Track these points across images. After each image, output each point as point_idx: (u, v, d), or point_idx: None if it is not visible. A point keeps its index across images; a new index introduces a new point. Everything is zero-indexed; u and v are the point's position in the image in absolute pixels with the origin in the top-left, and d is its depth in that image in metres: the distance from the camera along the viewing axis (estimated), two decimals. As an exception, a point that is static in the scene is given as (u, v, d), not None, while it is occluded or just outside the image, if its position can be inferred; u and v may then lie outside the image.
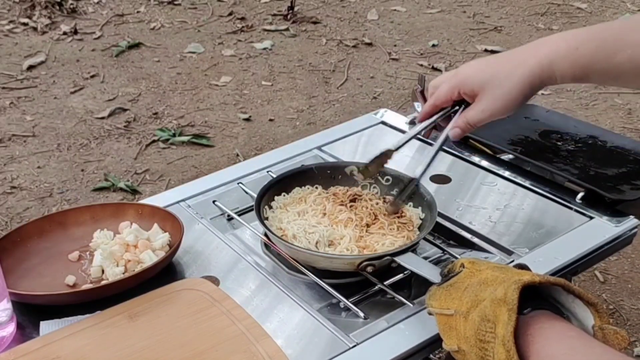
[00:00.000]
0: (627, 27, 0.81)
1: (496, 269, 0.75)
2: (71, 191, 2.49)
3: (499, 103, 0.90)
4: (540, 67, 0.86)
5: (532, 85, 0.88)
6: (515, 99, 0.89)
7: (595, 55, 0.82)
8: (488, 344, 0.68)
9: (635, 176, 1.15)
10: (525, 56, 0.88)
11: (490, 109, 0.91)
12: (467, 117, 0.94)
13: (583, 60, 0.83)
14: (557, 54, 0.85)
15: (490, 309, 0.68)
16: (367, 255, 0.92)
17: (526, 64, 0.87)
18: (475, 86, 0.91)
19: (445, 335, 0.76)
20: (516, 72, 0.88)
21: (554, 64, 0.85)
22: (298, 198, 1.05)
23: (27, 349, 0.82)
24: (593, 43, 0.83)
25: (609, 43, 0.81)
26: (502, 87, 0.89)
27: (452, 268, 0.80)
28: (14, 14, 3.93)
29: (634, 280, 2.05)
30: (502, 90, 0.89)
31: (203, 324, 0.85)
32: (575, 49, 0.83)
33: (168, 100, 3.10)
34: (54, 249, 1.01)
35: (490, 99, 0.90)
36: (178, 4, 4.12)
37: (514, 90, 0.88)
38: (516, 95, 0.89)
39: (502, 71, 0.89)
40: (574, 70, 0.84)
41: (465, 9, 4.03)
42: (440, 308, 0.77)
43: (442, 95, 0.96)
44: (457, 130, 0.96)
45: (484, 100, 0.91)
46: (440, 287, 0.78)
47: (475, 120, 0.93)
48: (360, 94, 3.15)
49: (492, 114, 0.91)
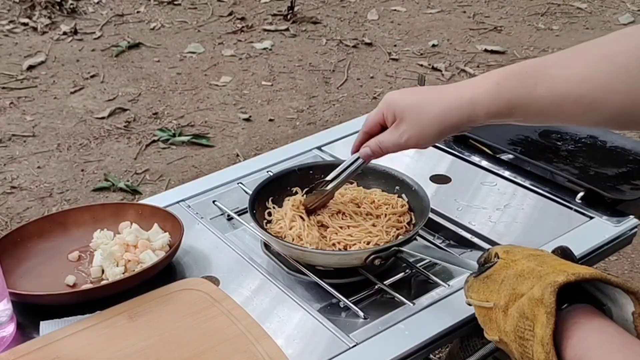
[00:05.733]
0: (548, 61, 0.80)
1: (531, 258, 0.75)
2: (71, 191, 2.49)
3: (414, 133, 0.89)
4: (462, 102, 0.84)
5: (451, 121, 0.86)
6: (430, 132, 0.88)
7: (517, 90, 0.80)
8: (527, 342, 0.69)
9: (635, 176, 1.15)
10: (450, 91, 0.87)
11: (404, 136, 0.89)
12: (380, 139, 0.93)
13: (505, 95, 0.81)
14: (478, 90, 0.84)
15: (528, 307, 0.69)
16: (373, 249, 0.92)
17: (447, 98, 0.86)
18: (397, 110, 0.90)
19: (486, 326, 0.77)
20: (436, 103, 0.87)
21: (475, 99, 0.83)
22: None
23: (27, 349, 0.82)
24: (515, 77, 0.81)
25: (529, 76, 0.80)
26: (420, 117, 0.88)
27: (488, 257, 0.80)
28: (14, 14, 3.93)
29: (634, 280, 2.05)
30: (420, 120, 0.88)
31: (203, 324, 0.85)
32: (497, 84, 0.82)
33: (168, 100, 3.10)
34: (54, 249, 1.01)
35: (407, 125, 0.89)
36: (178, 4, 4.13)
37: (431, 122, 0.87)
38: (432, 128, 0.87)
39: (423, 102, 0.88)
40: (498, 104, 0.82)
41: (465, 9, 4.03)
42: (479, 300, 0.77)
43: (370, 121, 0.95)
44: (367, 150, 0.95)
45: (401, 126, 0.90)
46: (477, 278, 0.78)
47: (387, 143, 0.92)
48: (360, 94, 3.15)
49: (406, 142, 0.90)
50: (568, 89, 0.76)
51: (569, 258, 0.77)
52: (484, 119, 0.84)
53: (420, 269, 0.97)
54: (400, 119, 0.90)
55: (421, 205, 1.00)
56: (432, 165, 1.22)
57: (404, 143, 0.90)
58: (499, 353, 0.90)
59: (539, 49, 3.53)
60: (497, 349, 0.82)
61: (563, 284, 0.68)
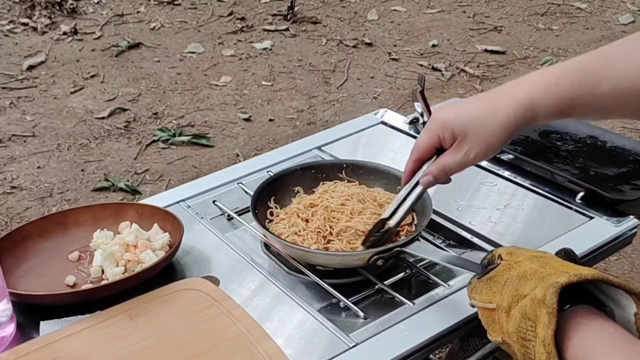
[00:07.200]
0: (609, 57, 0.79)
1: (534, 260, 0.75)
2: (71, 191, 2.49)
3: (481, 147, 0.85)
4: (522, 107, 0.82)
5: (515, 127, 0.83)
6: (497, 142, 0.85)
7: (578, 88, 0.79)
8: (529, 342, 0.69)
9: (635, 176, 1.15)
10: (504, 96, 0.84)
11: (471, 154, 0.86)
12: (443, 163, 0.89)
13: (566, 95, 0.80)
14: (537, 91, 0.81)
15: (530, 308, 0.69)
16: (376, 249, 0.92)
17: (505, 105, 0.83)
18: (456, 130, 0.86)
19: (489, 328, 0.77)
20: (496, 114, 0.83)
21: (535, 102, 0.81)
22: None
23: (27, 349, 0.82)
24: (574, 76, 0.80)
25: (591, 73, 0.78)
26: (484, 131, 0.84)
27: (491, 259, 0.80)
28: (14, 14, 3.93)
29: (634, 280, 2.04)
30: (485, 133, 0.84)
31: (203, 324, 0.85)
32: (555, 85, 0.80)
33: (168, 100, 3.10)
34: (54, 249, 1.01)
35: (471, 142, 0.85)
36: (178, 4, 4.12)
37: (496, 133, 0.84)
38: (498, 138, 0.84)
39: (482, 115, 0.85)
40: (559, 105, 0.80)
41: (465, 9, 4.03)
42: (482, 302, 0.77)
43: (422, 145, 0.91)
44: (429, 177, 0.90)
45: (464, 144, 0.86)
46: (480, 280, 0.78)
47: (451, 165, 0.88)
48: (360, 94, 3.15)
49: (474, 159, 0.86)
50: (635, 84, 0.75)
51: (572, 260, 0.77)
52: (544, 120, 0.83)
53: (420, 269, 0.97)
54: (462, 137, 0.86)
55: (423, 206, 1.00)
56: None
57: (471, 161, 0.87)
58: (499, 353, 0.90)
59: (539, 49, 3.53)
60: (497, 349, 0.83)
61: (565, 285, 0.68)
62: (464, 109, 0.87)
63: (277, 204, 1.06)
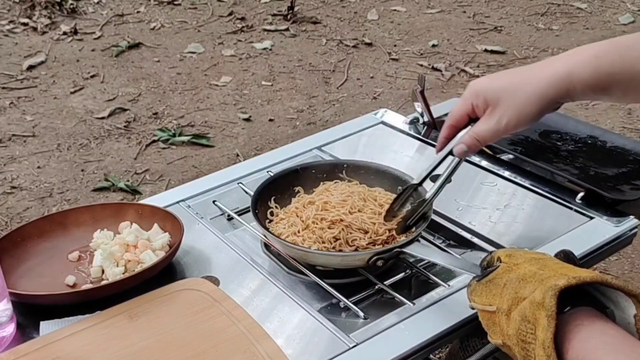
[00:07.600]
0: None
1: (533, 262, 0.75)
2: (71, 191, 2.49)
3: (513, 114, 0.83)
4: (558, 76, 0.81)
5: (550, 96, 0.82)
6: (530, 111, 0.83)
7: (618, 62, 0.78)
8: (529, 345, 0.69)
9: (635, 176, 1.15)
10: (541, 67, 0.83)
11: (503, 120, 0.84)
12: (476, 131, 0.87)
13: (605, 68, 0.78)
14: (575, 63, 0.80)
15: (529, 310, 0.69)
16: (376, 250, 0.92)
17: (541, 75, 0.82)
18: (489, 96, 0.85)
19: (490, 330, 0.77)
20: (531, 82, 0.82)
21: (572, 73, 0.80)
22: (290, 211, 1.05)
23: (27, 349, 0.82)
24: (613, 52, 0.79)
25: (631, 48, 0.77)
26: (517, 97, 0.83)
27: (490, 261, 0.80)
28: (14, 14, 3.93)
29: (634, 280, 2.05)
30: (518, 100, 0.83)
31: (203, 324, 0.85)
32: (595, 57, 0.79)
33: (168, 100, 3.10)
34: (54, 249, 1.01)
35: (504, 109, 0.84)
36: (178, 4, 4.12)
37: (530, 101, 0.82)
38: (532, 107, 0.83)
39: (517, 82, 0.84)
40: (597, 78, 0.79)
41: (465, 9, 4.03)
42: (482, 304, 0.77)
43: (456, 112, 0.90)
44: (463, 147, 0.89)
45: (497, 111, 0.84)
46: (480, 282, 0.78)
47: (484, 133, 0.86)
48: (360, 94, 3.15)
49: (506, 126, 0.85)
50: None
51: (572, 262, 0.77)
52: (581, 93, 0.81)
53: (420, 269, 0.97)
54: (495, 104, 0.85)
55: None
56: (432, 165, 1.22)
57: (503, 128, 0.85)
58: (499, 353, 0.90)
59: (539, 49, 3.53)
60: (497, 349, 0.82)
61: (564, 288, 0.68)
62: (499, 77, 0.87)
63: (277, 204, 1.05)
